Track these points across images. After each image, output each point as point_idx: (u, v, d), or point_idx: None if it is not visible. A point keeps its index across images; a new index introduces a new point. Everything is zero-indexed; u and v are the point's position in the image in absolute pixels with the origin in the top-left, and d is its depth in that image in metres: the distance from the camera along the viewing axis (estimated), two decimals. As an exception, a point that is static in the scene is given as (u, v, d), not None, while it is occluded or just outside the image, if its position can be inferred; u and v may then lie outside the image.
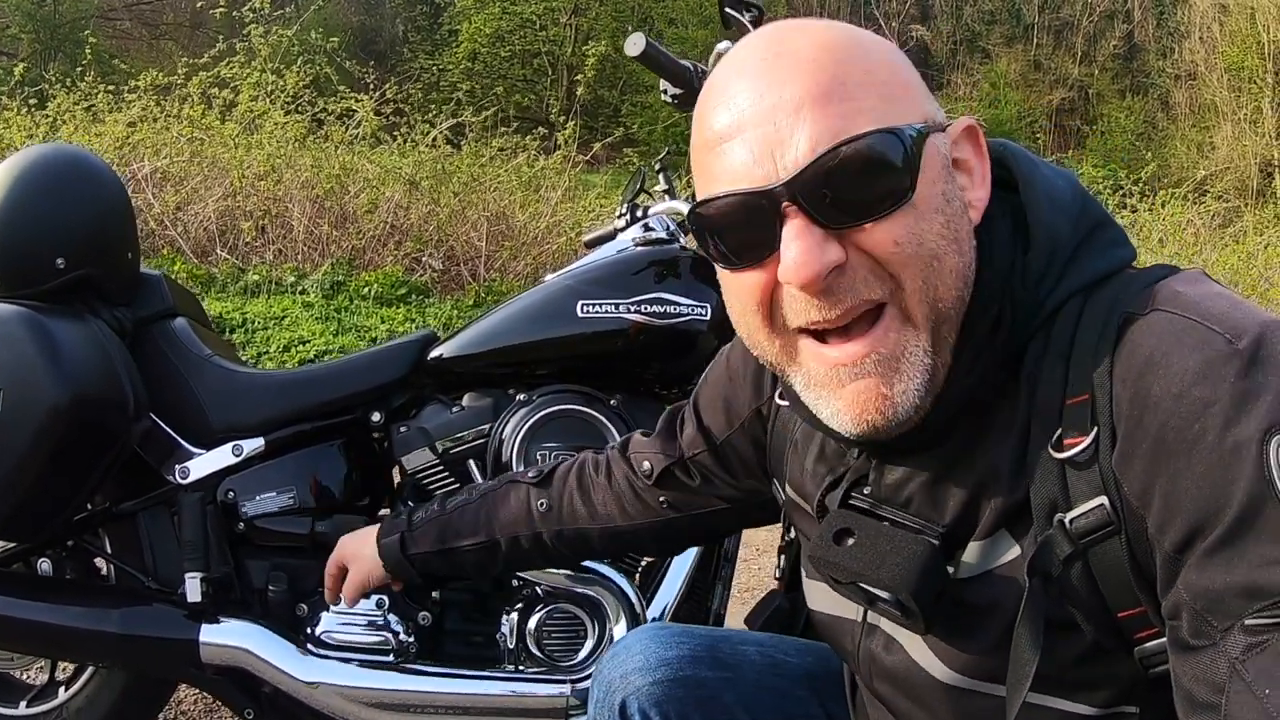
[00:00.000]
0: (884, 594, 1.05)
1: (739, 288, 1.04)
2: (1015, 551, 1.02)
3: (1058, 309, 1.01)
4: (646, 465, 1.53)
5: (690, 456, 1.48)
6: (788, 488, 1.31)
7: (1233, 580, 0.83)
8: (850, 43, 0.99)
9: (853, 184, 0.94)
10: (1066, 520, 0.96)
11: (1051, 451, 0.97)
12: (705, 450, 1.46)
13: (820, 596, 1.26)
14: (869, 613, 1.18)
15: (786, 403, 1.24)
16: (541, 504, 1.65)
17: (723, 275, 1.07)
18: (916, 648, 1.11)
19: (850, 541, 1.08)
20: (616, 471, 1.60)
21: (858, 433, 1.01)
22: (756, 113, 0.96)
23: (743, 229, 0.99)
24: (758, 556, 4.45)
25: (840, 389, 1.00)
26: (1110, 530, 0.94)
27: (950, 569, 1.06)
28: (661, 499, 1.53)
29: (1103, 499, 0.94)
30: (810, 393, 1.04)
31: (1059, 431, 0.97)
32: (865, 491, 1.13)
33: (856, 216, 0.95)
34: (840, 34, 1.00)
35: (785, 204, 0.95)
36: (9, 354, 1.92)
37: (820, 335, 1.01)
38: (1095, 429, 0.94)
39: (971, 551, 1.05)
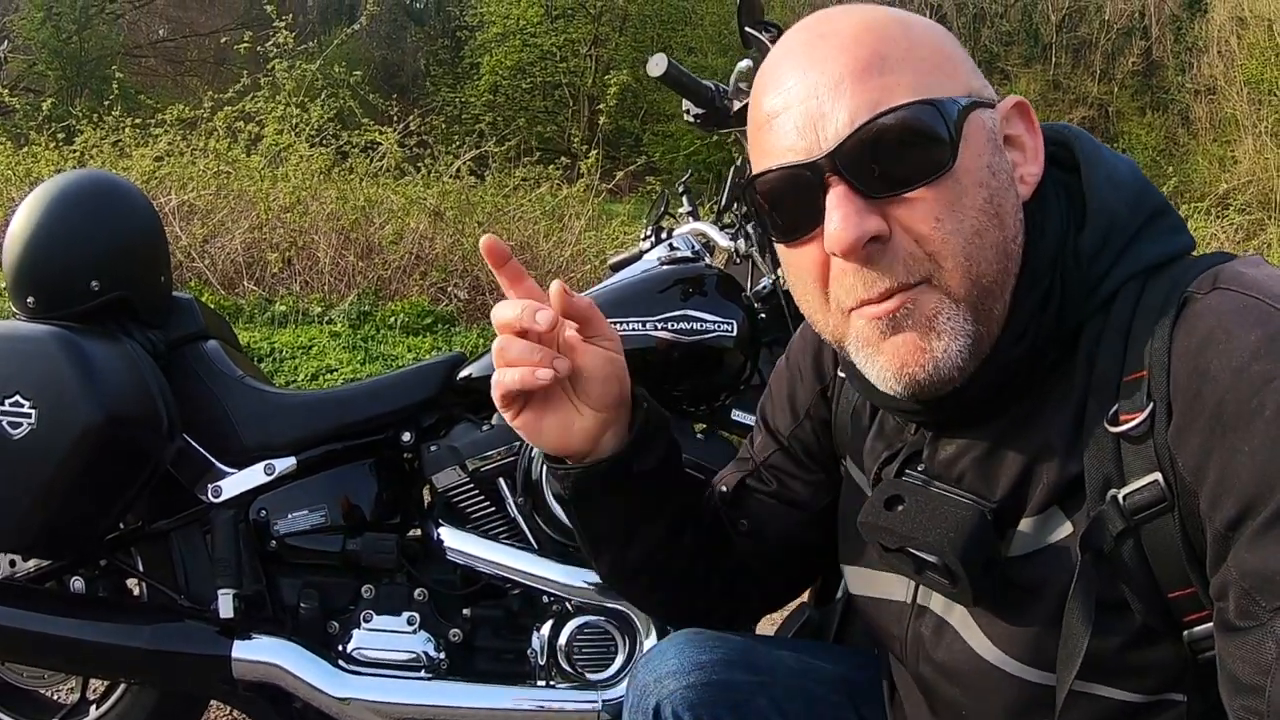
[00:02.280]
0: (931, 558, 1.06)
1: (797, 264, 1.07)
2: (1068, 529, 1.02)
3: (1117, 290, 1.02)
4: (724, 488, 1.49)
5: (763, 461, 1.46)
6: (848, 462, 1.32)
7: None
8: (893, 22, 1.03)
9: (892, 153, 0.97)
10: (1120, 496, 0.96)
11: (1107, 426, 0.97)
12: (776, 450, 1.44)
13: (865, 581, 1.27)
14: (919, 594, 1.19)
15: (845, 375, 1.26)
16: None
17: (782, 253, 1.11)
18: (968, 628, 1.11)
19: (900, 508, 1.10)
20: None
21: (901, 388, 1.04)
22: (801, 90, 1.00)
23: (792, 202, 1.03)
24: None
25: (882, 343, 1.02)
26: (1164, 507, 0.94)
27: (1003, 546, 1.06)
28: (741, 522, 1.47)
29: (1157, 475, 0.94)
30: (861, 355, 1.06)
31: (1115, 407, 0.98)
32: (919, 468, 1.15)
33: (897, 186, 0.97)
34: (884, 15, 1.04)
35: (828, 174, 0.98)
36: (44, 373, 1.96)
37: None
38: (1151, 404, 0.94)
39: (1024, 528, 1.05)
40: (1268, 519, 0.84)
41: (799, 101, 1.00)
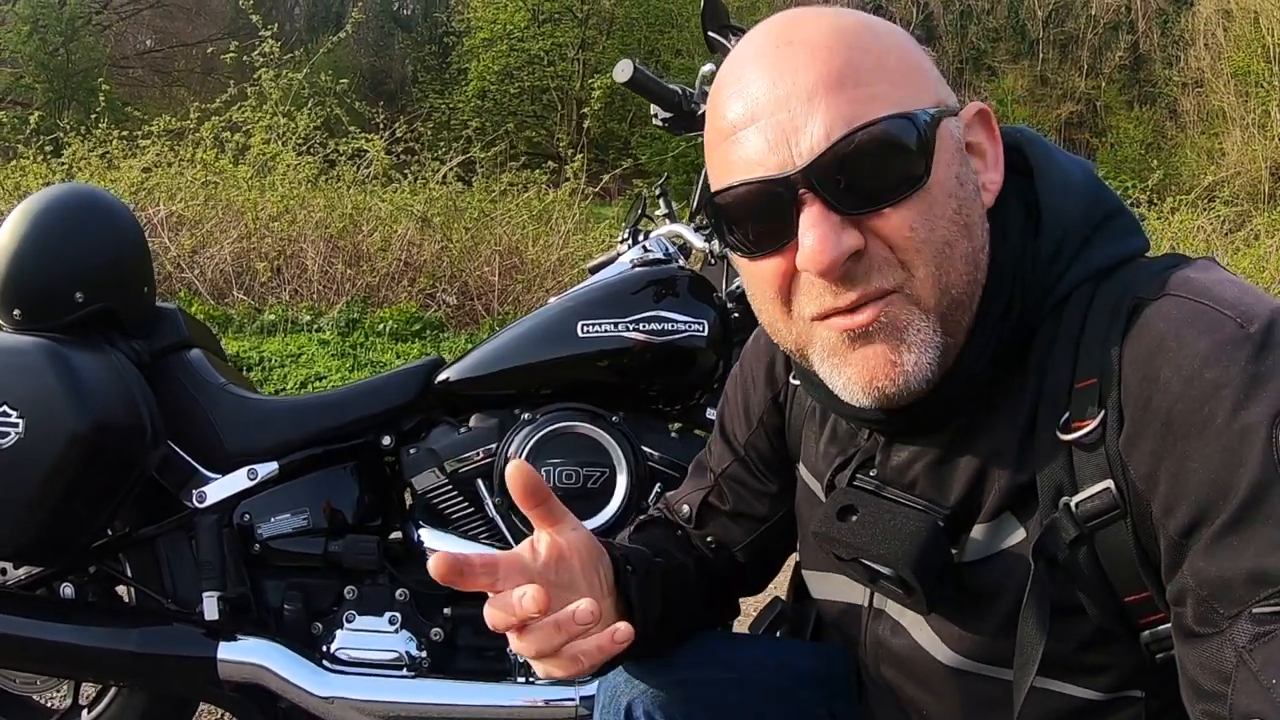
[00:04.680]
0: (885, 570, 1.06)
1: (758, 276, 1.04)
2: (1021, 535, 1.03)
3: (1068, 295, 1.02)
4: (685, 509, 1.48)
5: (720, 473, 1.45)
6: (803, 468, 1.32)
7: (1240, 566, 0.83)
8: (862, 28, 1.00)
9: (868, 169, 0.94)
10: (1072, 504, 0.97)
11: (1058, 434, 0.98)
12: (733, 461, 1.44)
13: (824, 585, 1.28)
14: (875, 598, 1.19)
15: (798, 381, 1.27)
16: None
17: (741, 264, 1.08)
18: (922, 631, 1.12)
19: (854, 518, 1.09)
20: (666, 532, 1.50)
21: (869, 401, 1.02)
22: (771, 100, 0.97)
23: (760, 217, 0.99)
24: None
25: (850, 354, 1.00)
26: (1116, 514, 0.94)
27: (955, 552, 1.07)
28: (709, 539, 1.47)
29: (1109, 482, 0.94)
30: (825, 365, 1.03)
31: (1066, 415, 0.98)
32: (871, 474, 1.15)
33: (873, 202, 0.95)
34: (851, 20, 1.01)
35: (802, 190, 0.95)
36: (31, 384, 2.00)
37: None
38: (1103, 412, 0.95)
39: (976, 534, 1.06)
40: (1221, 527, 0.85)
41: (769, 113, 0.97)
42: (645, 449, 2.25)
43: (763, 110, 0.97)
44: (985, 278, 1.02)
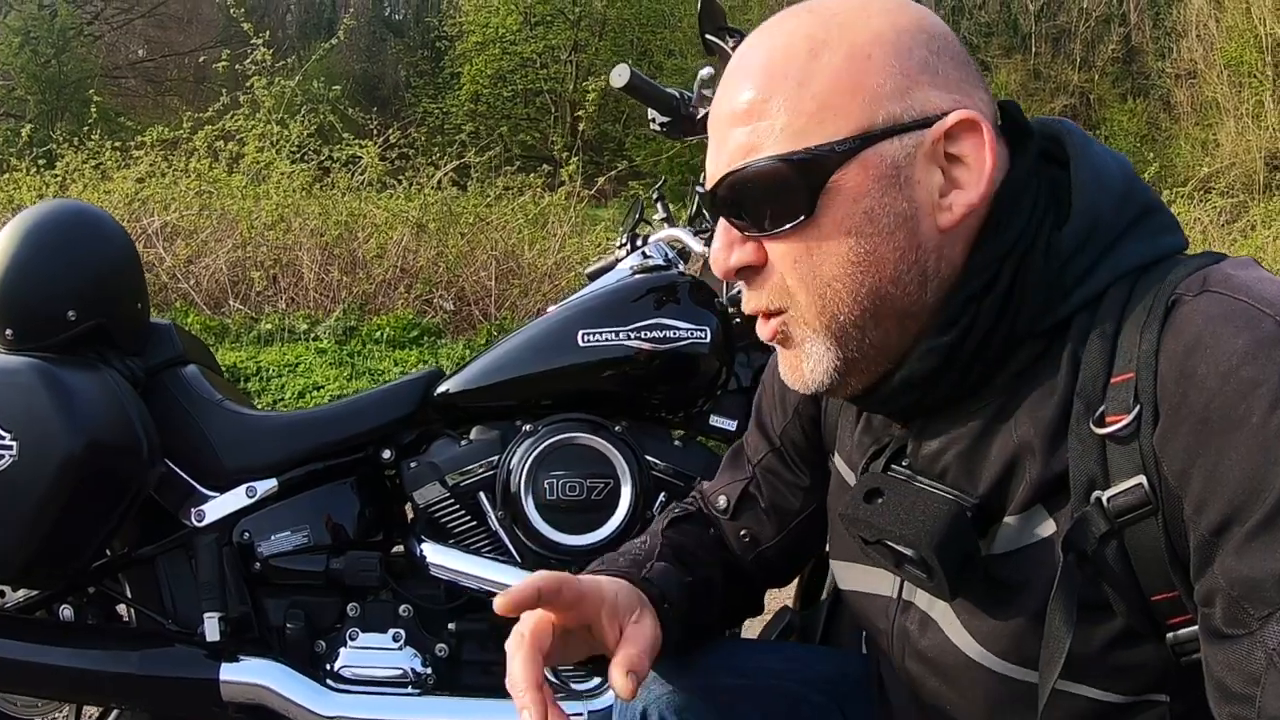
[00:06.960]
0: (908, 551, 1.06)
1: None
2: (1051, 527, 1.02)
3: (1104, 290, 1.01)
4: (722, 500, 1.49)
5: (756, 463, 1.45)
6: (837, 457, 1.32)
7: (1272, 567, 0.82)
8: (801, 49, 1.00)
9: (751, 202, 1.03)
10: (1104, 498, 0.95)
11: (1093, 427, 0.97)
12: (769, 452, 1.44)
13: (852, 575, 1.28)
14: (904, 589, 1.19)
15: None
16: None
17: None
18: (951, 624, 1.11)
19: (879, 500, 1.10)
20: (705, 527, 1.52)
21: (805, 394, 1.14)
22: (714, 117, 1.07)
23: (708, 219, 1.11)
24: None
25: (778, 354, 1.13)
26: (1147, 510, 0.93)
27: (985, 542, 1.06)
28: (742, 533, 1.47)
29: (1141, 478, 0.93)
30: None
31: (1102, 408, 0.97)
32: (904, 463, 1.15)
33: (758, 229, 1.04)
34: (800, 36, 1.01)
35: (714, 206, 1.07)
36: (24, 405, 1.98)
37: None
38: (1138, 407, 0.94)
39: (1007, 526, 1.05)
40: (1255, 526, 0.84)
41: (712, 129, 1.07)
42: (649, 458, 2.22)
43: (712, 124, 1.08)
44: (945, 286, 1.02)
